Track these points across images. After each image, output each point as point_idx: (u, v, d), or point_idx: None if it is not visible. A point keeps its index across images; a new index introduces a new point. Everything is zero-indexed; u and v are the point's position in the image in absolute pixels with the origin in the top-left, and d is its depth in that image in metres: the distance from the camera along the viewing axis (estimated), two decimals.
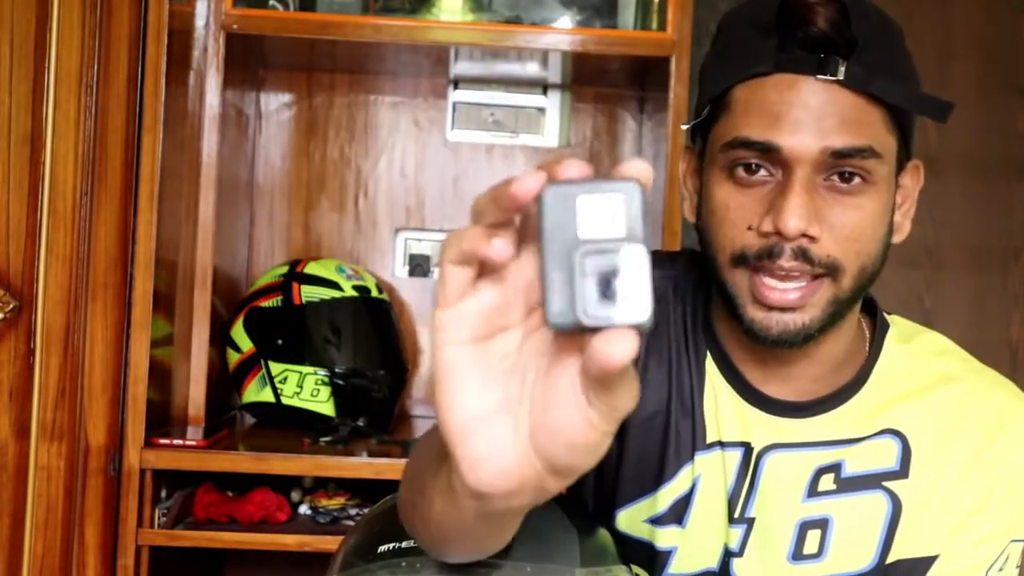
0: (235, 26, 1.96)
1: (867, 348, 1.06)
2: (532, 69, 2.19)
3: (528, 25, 2.06)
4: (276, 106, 2.32)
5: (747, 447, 1.03)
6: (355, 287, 2.10)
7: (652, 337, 1.07)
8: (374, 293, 2.13)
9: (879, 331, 1.06)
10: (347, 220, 2.32)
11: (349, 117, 2.33)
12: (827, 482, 1.01)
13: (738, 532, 1.02)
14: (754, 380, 1.04)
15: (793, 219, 0.92)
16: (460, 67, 2.19)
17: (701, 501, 1.04)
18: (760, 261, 0.94)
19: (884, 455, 1.01)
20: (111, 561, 1.71)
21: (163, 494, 1.78)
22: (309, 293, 2.07)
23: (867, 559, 1.00)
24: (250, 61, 2.21)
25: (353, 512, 1.85)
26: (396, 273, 2.33)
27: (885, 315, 1.09)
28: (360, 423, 1.99)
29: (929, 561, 1.00)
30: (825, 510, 1.01)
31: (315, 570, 2.14)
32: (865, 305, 1.07)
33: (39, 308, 1.67)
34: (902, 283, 2.33)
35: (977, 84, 2.35)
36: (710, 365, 1.06)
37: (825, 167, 0.93)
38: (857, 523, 1.00)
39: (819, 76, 0.92)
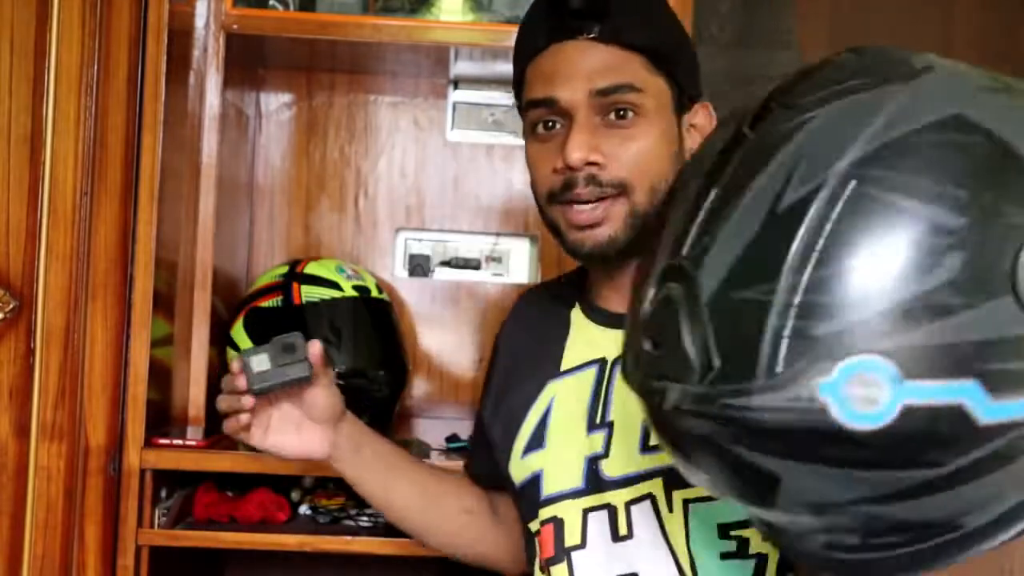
0: (235, 26, 1.96)
1: None
2: None
3: None
4: (276, 106, 2.32)
5: (602, 362, 1.20)
6: (355, 287, 2.10)
7: (502, 341, 1.37)
8: (374, 293, 2.13)
9: None
10: (347, 220, 2.32)
11: (349, 117, 2.33)
12: None
13: (601, 436, 1.18)
14: (608, 305, 1.23)
15: (575, 152, 1.12)
16: (460, 67, 2.19)
17: (556, 421, 1.22)
18: (564, 194, 1.14)
19: None
20: (111, 561, 1.71)
21: (163, 494, 1.78)
22: (309, 293, 2.07)
23: None
24: (250, 61, 2.21)
25: (353, 512, 1.85)
26: (396, 273, 2.33)
27: None
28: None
29: None
30: None
31: (315, 570, 2.14)
32: None
33: (39, 308, 1.67)
34: None
35: None
36: (576, 313, 1.27)
37: (598, 108, 1.13)
38: None
39: (579, 37, 1.14)
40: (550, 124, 1.16)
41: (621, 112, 1.13)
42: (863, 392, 0.64)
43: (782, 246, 0.65)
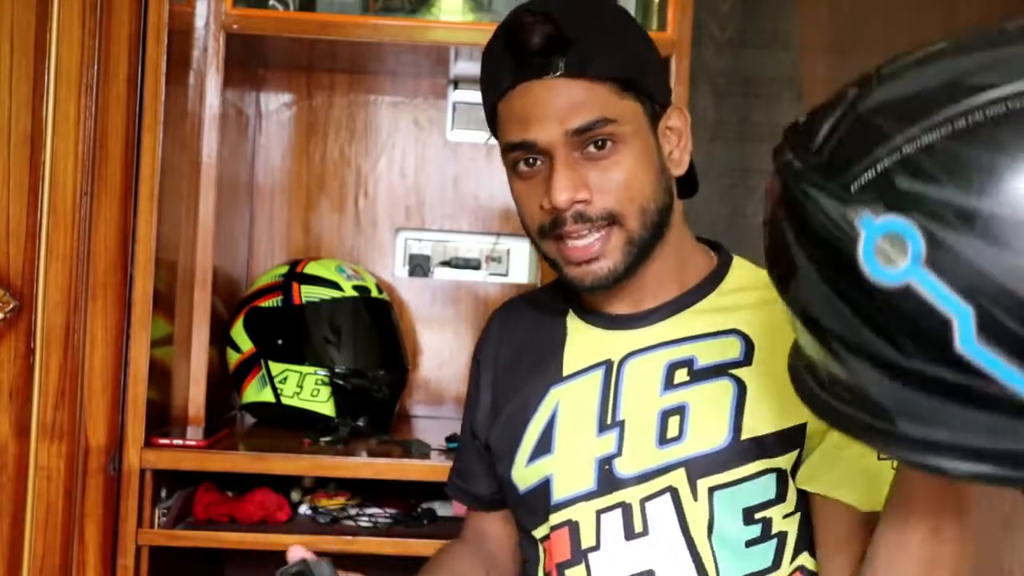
0: (235, 26, 1.96)
1: (714, 262, 1.25)
2: None
3: None
4: (276, 106, 2.32)
5: (608, 363, 1.21)
6: (355, 287, 2.10)
7: (483, 356, 1.35)
8: (374, 293, 2.13)
9: (723, 256, 1.26)
10: (347, 220, 2.32)
11: (349, 117, 2.33)
12: (682, 375, 1.17)
13: (613, 436, 1.18)
14: (608, 308, 1.23)
15: (561, 193, 1.12)
16: (460, 67, 2.19)
17: (563, 426, 1.21)
18: (554, 231, 1.15)
19: (730, 349, 1.17)
20: (111, 561, 1.71)
21: (163, 494, 1.78)
22: (309, 293, 2.07)
23: (721, 436, 1.13)
24: (250, 61, 2.21)
25: (353, 512, 1.85)
26: (396, 273, 2.33)
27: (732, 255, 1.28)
28: (360, 423, 1.99)
29: (797, 430, 1.11)
30: (681, 399, 1.16)
31: None
32: (712, 245, 1.28)
33: (39, 308, 1.67)
34: None
35: None
36: (571, 319, 1.27)
37: (575, 144, 1.12)
38: (709, 406, 1.14)
39: (545, 77, 1.12)
40: (531, 161, 1.16)
41: (599, 143, 1.13)
42: (888, 248, 0.70)
43: (937, 106, 0.71)
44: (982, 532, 2.33)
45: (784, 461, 1.12)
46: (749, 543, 1.13)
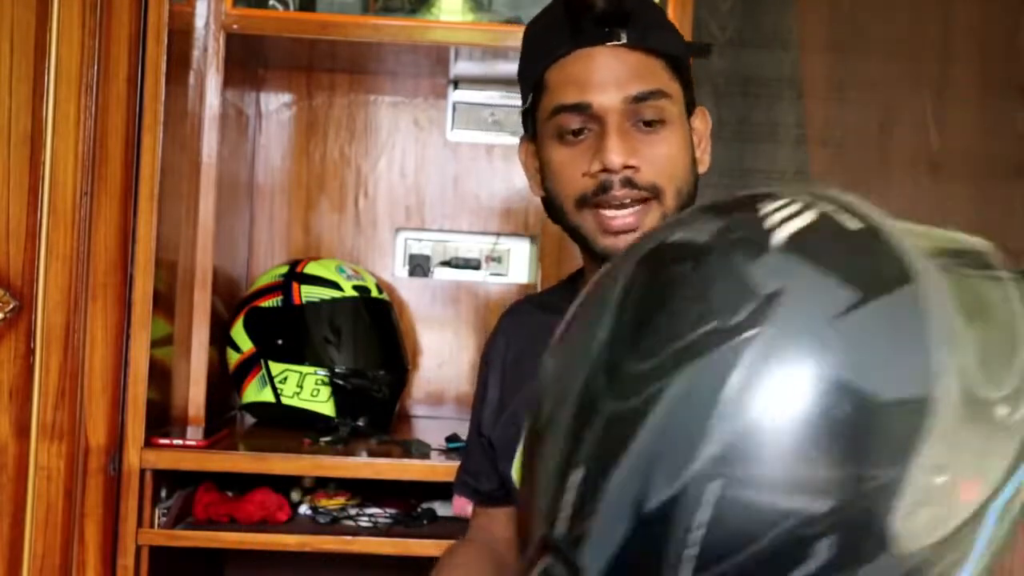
0: (235, 26, 1.96)
1: None
2: None
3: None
4: (276, 106, 2.32)
5: None
6: (355, 287, 2.10)
7: (492, 356, 1.35)
8: (374, 293, 2.13)
9: None
10: (347, 220, 2.32)
11: (349, 117, 2.33)
12: None
13: None
14: None
15: (614, 154, 1.13)
16: (460, 67, 2.19)
17: None
18: (597, 197, 1.15)
19: None
20: (111, 561, 1.71)
21: (163, 494, 1.78)
22: (309, 293, 2.07)
23: None
24: (250, 61, 2.21)
25: (353, 512, 1.85)
26: (396, 273, 2.33)
27: None
28: (360, 423, 1.99)
29: None
30: None
31: (315, 570, 2.14)
32: None
33: (39, 308, 1.67)
34: None
35: (977, 84, 2.35)
36: None
37: (630, 114, 1.15)
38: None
39: (607, 44, 1.15)
40: (575, 129, 1.17)
41: (649, 120, 1.15)
42: None
43: (655, 549, 0.62)
44: None
45: None
46: None
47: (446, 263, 2.33)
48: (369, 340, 2.10)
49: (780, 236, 0.64)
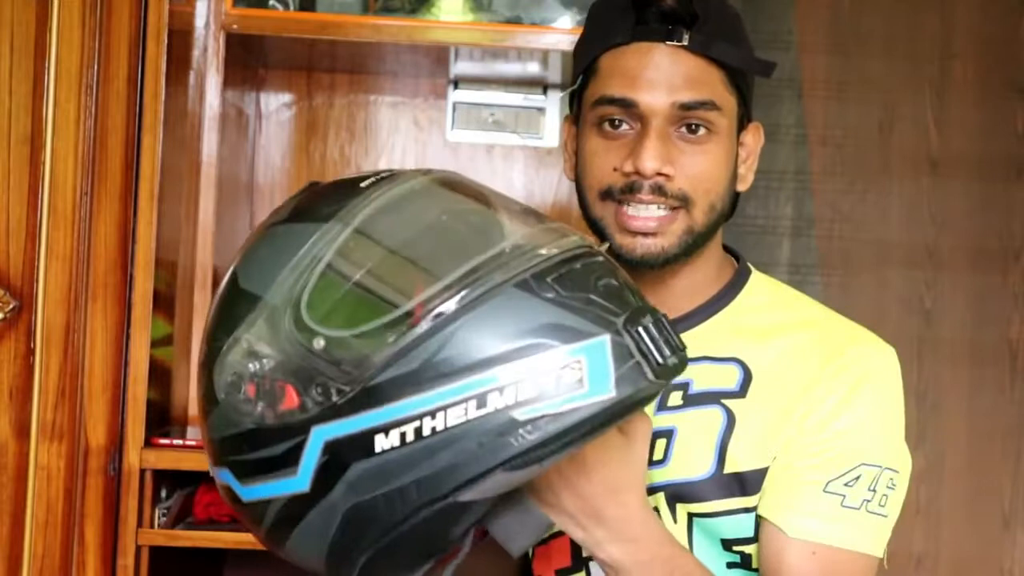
0: (235, 26, 1.96)
1: (730, 276, 1.20)
2: (532, 69, 2.19)
3: (528, 25, 2.06)
4: (276, 106, 2.32)
5: None
6: None
7: None
8: None
9: (741, 269, 1.22)
10: None
11: (349, 117, 2.33)
12: (676, 398, 1.14)
13: None
14: None
15: (649, 160, 1.09)
16: (460, 67, 2.19)
17: None
18: (623, 195, 1.11)
19: (727, 378, 1.14)
20: (111, 561, 1.71)
21: (163, 494, 1.78)
22: None
23: (705, 466, 1.11)
24: (250, 61, 2.21)
25: None
26: None
27: (752, 267, 1.24)
28: None
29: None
30: (671, 422, 1.13)
31: None
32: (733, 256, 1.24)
33: (39, 308, 1.67)
34: (902, 283, 2.33)
35: (977, 84, 2.35)
36: None
37: (675, 119, 1.11)
38: (696, 434, 1.12)
39: (668, 43, 1.10)
40: (617, 121, 1.12)
41: (694, 127, 1.11)
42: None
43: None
44: (982, 532, 2.33)
45: (758, 500, 1.11)
46: (730, 565, 1.12)
47: None
48: None
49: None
